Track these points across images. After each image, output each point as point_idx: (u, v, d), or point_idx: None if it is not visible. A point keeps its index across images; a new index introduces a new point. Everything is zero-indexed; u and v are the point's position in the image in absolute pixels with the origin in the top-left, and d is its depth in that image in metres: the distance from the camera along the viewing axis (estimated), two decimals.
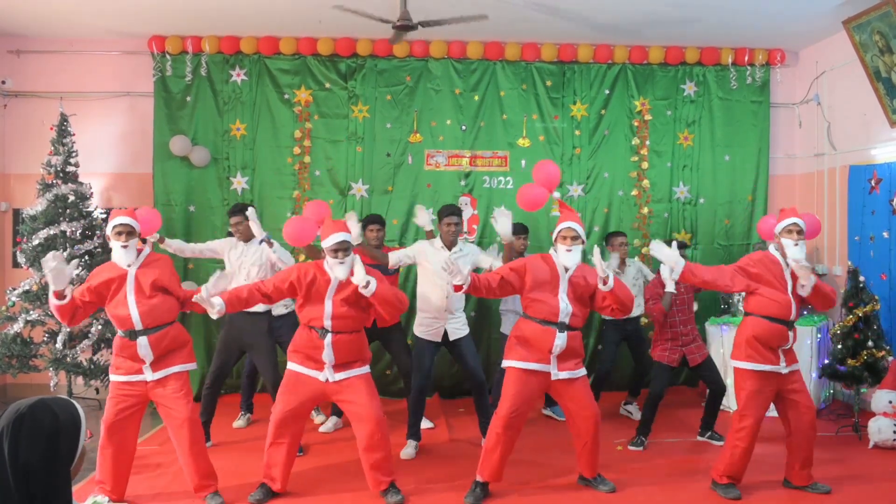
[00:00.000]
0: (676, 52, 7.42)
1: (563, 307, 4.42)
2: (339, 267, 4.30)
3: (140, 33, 7.08)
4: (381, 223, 5.88)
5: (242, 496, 4.49)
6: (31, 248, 6.40)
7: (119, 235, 4.37)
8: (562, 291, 4.46)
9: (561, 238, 4.52)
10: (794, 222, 4.53)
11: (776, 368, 4.51)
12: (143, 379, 4.34)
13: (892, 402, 5.49)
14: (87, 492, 4.41)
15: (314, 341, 4.36)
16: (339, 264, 4.30)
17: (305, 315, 4.42)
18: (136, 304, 4.28)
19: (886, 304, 6.17)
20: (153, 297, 4.33)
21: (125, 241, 4.35)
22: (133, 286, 4.32)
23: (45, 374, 6.58)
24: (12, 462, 1.88)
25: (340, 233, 4.33)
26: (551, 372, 4.47)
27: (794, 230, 4.52)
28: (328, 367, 4.38)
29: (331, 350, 4.33)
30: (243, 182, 7.23)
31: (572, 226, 4.48)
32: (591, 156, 7.47)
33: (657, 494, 4.64)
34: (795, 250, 4.50)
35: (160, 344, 4.32)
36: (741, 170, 7.60)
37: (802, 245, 4.52)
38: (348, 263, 4.32)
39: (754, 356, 4.52)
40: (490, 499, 4.53)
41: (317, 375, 4.40)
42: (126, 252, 4.35)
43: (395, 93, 7.33)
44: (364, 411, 4.36)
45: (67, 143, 6.63)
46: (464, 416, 6.48)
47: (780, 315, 4.49)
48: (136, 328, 4.28)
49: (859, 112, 6.70)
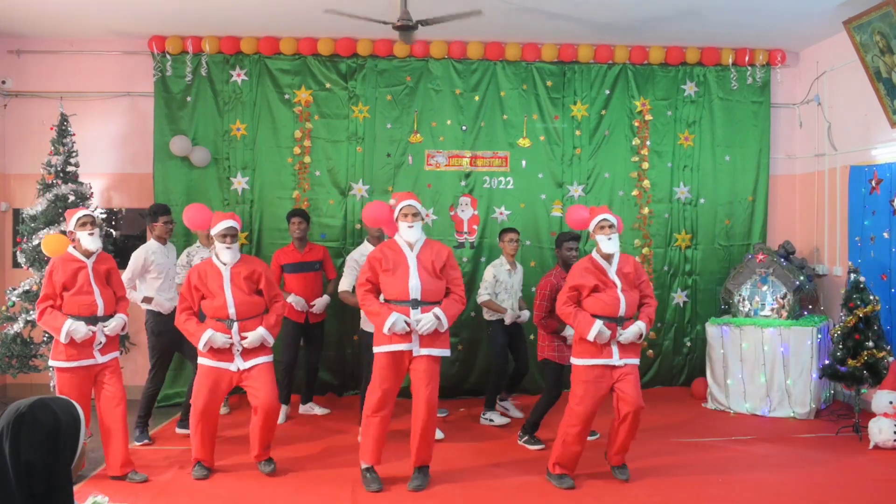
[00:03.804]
0: (677, 53, 7.42)
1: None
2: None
3: (140, 33, 7.07)
4: (306, 217, 6.37)
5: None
6: (31, 248, 6.39)
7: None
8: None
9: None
10: (604, 218, 4.84)
11: (609, 362, 4.68)
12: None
13: (892, 402, 5.48)
14: (88, 492, 4.41)
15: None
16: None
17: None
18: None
19: (887, 304, 6.17)
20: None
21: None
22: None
23: (45, 374, 6.57)
24: (13, 461, 1.88)
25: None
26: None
27: (606, 225, 4.82)
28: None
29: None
30: (243, 182, 7.23)
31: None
32: (591, 156, 7.47)
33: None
34: (609, 244, 4.78)
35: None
36: (742, 170, 7.60)
37: (615, 238, 4.80)
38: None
39: (582, 353, 4.73)
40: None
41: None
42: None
43: (395, 93, 7.33)
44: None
45: (67, 143, 6.62)
46: (465, 416, 6.48)
47: (607, 313, 4.68)
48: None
49: (860, 112, 6.69)
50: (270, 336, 4.92)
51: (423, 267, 4.77)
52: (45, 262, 6.38)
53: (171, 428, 6.09)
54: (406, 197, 4.99)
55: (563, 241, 5.66)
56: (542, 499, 4.56)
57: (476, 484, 4.80)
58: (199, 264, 4.99)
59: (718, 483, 4.83)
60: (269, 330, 4.91)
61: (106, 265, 4.93)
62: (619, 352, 4.69)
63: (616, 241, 4.82)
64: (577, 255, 5.61)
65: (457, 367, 7.21)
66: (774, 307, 6.56)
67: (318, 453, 5.46)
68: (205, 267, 4.92)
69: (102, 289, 4.83)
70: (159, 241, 5.88)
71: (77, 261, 4.80)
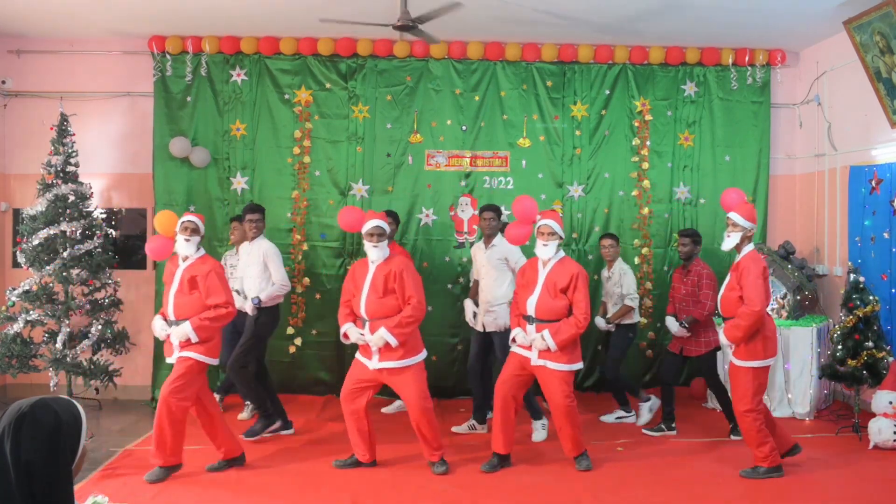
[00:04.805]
0: (677, 53, 7.42)
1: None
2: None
3: (140, 33, 7.08)
4: (261, 211, 6.08)
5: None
6: (31, 248, 6.40)
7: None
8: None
9: (539, 233, 5.04)
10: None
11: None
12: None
13: (892, 402, 5.48)
14: (88, 491, 4.41)
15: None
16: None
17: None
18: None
19: (886, 304, 6.17)
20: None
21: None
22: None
23: (45, 374, 6.57)
24: (14, 461, 1.88)
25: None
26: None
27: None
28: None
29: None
30: (243, 182, 7.23)
31: (548, 223, 5.02)
32: (591, 156, 7.47)
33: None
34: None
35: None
36: (742, 170, 7.59)
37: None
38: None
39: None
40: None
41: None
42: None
43: (395, 93, 7.33)
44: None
45: (67, 143, 6.62)
46: (464, 416, 6.48)
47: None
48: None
49: (860, 112, 6.69)
50: (391, 337, 4.82)
51: (548, 285, 4.98)
52: (45, 262, 6.40)
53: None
54: (548, 216, 5.09)
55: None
56: (543, 498, 4.57)
57: (477, 483, 4.81)
58: (359, 261, 5.18)
59: (718, 483, 4.83)
60: (390, 330, 4.82)
61: (194, 273, 4.87)
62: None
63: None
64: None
65: (456, 367, 7.21)
66: (774, 307, 6.55)
67: (319, 453, 5.45)
68: (360, 263, 5.12)
69: (179, 294, 4.85)
70: (248, 239, 6.02)
71: (176, 262, 5.02)
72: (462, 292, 7.13)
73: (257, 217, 5.95)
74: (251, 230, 5.93)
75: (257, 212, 5.99)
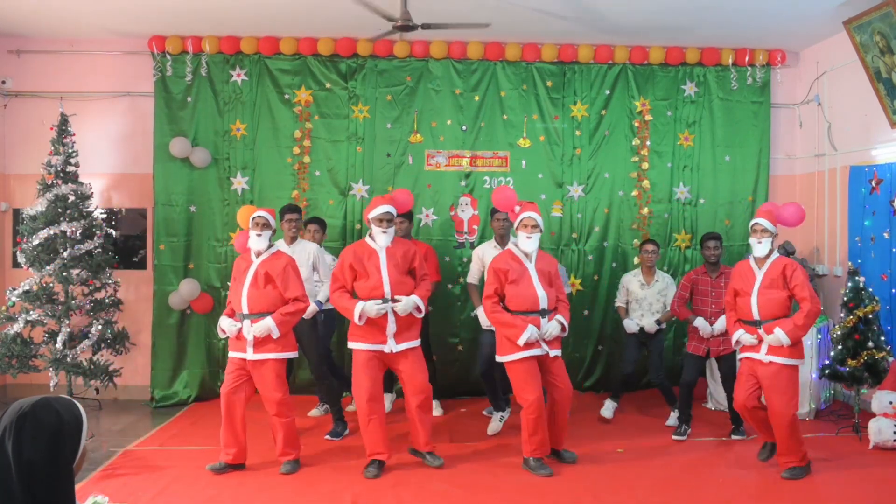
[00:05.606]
0: (677, 53, 7.42)
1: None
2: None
3: (140, 33, 7.07)
4: (299, 211, 6.07)
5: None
6: (31, 248, 6.39)
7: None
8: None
9: (521, 225, 5.01)
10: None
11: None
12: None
13: (892, 402, 5.48)
14: (88, 491, 4.41)
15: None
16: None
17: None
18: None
19: (886, 304, 6.17)
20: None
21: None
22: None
23: (45, 374, 6.57)
24: (16, 460, 1.88)
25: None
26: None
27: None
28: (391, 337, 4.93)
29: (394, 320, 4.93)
30: (243, 182, 7.23)
31: (531, 216, 5.01)
32: (591, 156, 7.47)
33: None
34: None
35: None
36: (741, 170, 7.60)
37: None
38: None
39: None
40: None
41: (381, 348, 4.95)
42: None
43: (395, 93, 7.33)
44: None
45: (67, 143, 6.62)
46: (465, 416, 6.48)
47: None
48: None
49: (860, 113, 6.70)
50: (422, 303, 4.99)
51: (542, 276, 5.02)
52: (45, 262, 6.40)
53: (169, 429, 6.08)
54: (529, 207, 5.09)
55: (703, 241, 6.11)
56: (543, 498, 4.56)
57: (477, 483, 4.81)
58: (353, 245, 5.14)
59: (718, 483, 4.83)
60: (423, 299, 5.00)
61: (268, 268, 4.96)
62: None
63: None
64: (717, 253, 6.04)
65: (456, 367, 7.21)
66: None
67: (319, 453, 5.46)
68: (359, 248, 5.05)
69: (253, 288, 4.92)
70: (286, 241, 5.98)
71: (247, 258, 5.06)
72: (462, 292, 7.13)
73: (296, 217, 5.98)
74: (289, 230, 5.94)
75: (296, 211, 6.02)
